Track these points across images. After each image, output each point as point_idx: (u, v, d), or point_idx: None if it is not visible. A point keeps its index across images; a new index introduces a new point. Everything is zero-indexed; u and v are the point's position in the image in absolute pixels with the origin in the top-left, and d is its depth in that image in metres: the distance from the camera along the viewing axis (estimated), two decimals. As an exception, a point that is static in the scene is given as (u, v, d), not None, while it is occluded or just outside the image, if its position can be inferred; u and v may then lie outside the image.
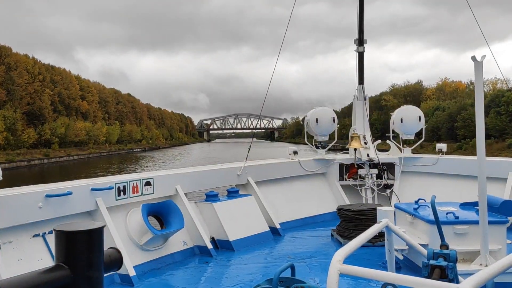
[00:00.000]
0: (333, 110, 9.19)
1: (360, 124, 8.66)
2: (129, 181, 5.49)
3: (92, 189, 5.07)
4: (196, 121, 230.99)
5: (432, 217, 4.33)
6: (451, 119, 61.30)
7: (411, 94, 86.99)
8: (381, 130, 51.75)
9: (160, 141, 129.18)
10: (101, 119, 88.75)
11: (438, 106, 69.75)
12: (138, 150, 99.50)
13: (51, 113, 68.69)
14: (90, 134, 77.51)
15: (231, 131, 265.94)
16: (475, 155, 4.02)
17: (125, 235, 5.25)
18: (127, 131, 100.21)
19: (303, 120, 9.43)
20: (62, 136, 67.77)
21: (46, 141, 64.98)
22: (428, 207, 4.99)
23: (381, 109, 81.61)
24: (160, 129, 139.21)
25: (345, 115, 59.84)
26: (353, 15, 8.85)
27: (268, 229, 6.61)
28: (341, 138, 11.63)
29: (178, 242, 5.71)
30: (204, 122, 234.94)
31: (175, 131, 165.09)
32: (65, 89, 75.53)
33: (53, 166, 58.59)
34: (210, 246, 5.78)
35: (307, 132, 8.79)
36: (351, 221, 6.14)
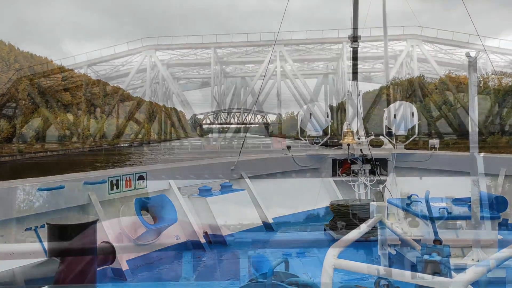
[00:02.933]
0: (330, 105, 9.46)
1: (354, 120, 8.94)
2: (122, 175, 5.71)
3: (85, 183, 5.29)
4: (188, 116, 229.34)
5: (424, 213, 4.59)
6: (463, 114, 59.20)
7: (413, 88, 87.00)
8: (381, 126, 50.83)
9: (150, 136, 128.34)
10: (86, 112, 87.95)
11: (445, 100, 69.19)
12: (125, 145, 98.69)
13: (29, 104, 67.07)
14: (72, 127, 76.68)
15: (225, 126, 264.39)
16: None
17: (118, 229, 5.47)
18: (115, 124, 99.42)
19: (297, 115, 9.70)
20: (40, 129, 66.32)
21: (21, 135, 63.10)
22: (421, 202, 5.25)
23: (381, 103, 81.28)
24: (151, 123, 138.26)
25: (342, 111, 59.75)
26: (346, 9, 9.11)
27: (261, 223, 6.87)
28: (340, 134, 11.90)
29: (171, 236, 5.93)
30: (196, 116, 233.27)
31: (167, 125, 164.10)
32: (45, 79, 74.35)
33: (27, 163, 55.23)
34: (203, 240, 6.03)
35: (300, 127, 9.07)
36: (344, 216, 6.38)
